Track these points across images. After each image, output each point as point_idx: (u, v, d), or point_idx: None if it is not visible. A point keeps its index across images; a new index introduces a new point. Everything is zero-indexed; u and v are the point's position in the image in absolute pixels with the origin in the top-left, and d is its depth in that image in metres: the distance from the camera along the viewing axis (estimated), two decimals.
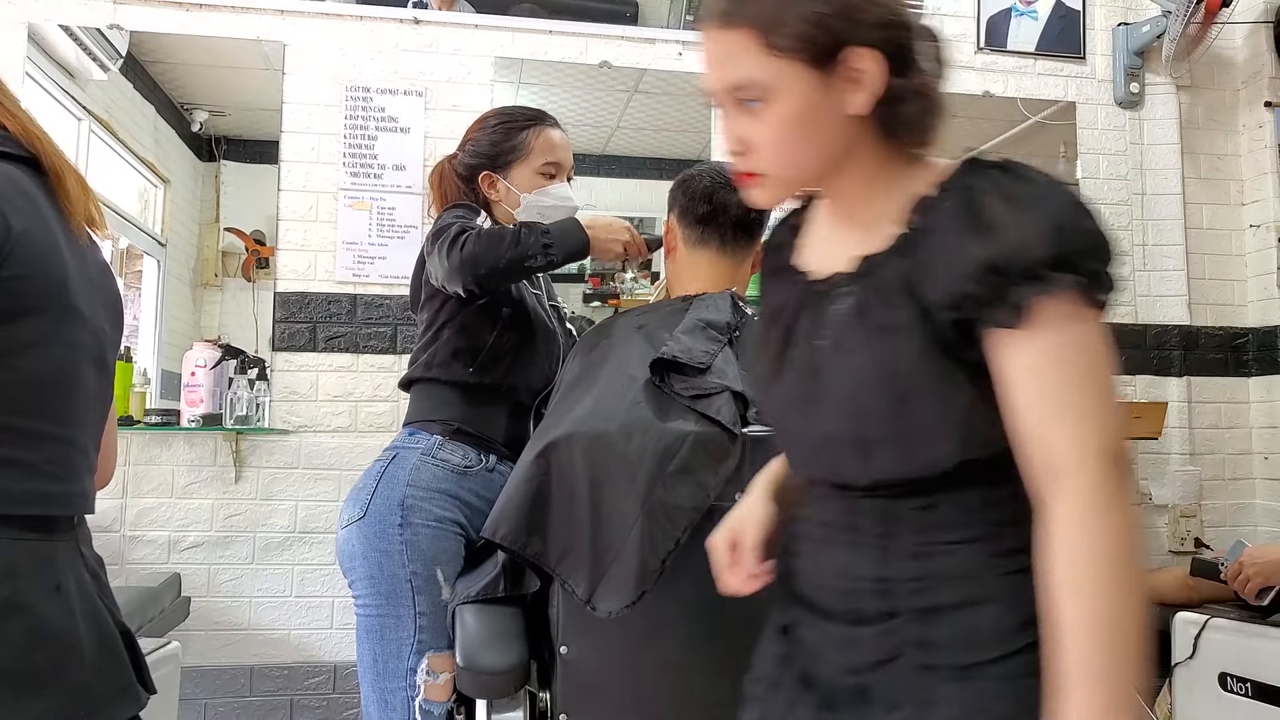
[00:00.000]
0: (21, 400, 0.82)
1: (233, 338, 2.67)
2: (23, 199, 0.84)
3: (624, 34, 2.83)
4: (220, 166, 2.84)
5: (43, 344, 0.84)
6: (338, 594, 2.54)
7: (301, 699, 2.51)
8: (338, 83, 2.67)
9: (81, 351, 0.88)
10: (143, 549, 2.46)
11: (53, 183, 0.90)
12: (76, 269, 0.88)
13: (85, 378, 0.89)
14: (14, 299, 0.81)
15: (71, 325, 0.87)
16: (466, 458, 1.55)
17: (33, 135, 0.90)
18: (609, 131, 2.98)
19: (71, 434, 0.87)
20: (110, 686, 0.86)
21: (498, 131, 1.68)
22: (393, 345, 2.62)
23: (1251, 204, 3.11)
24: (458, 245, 1.45)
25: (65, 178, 0.91)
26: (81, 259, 0.91)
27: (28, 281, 0.82)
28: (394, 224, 2.65)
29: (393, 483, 1.49)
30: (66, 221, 0.90)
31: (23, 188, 0.85)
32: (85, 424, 0.90)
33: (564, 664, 1.30)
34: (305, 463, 2.55)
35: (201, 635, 2.45)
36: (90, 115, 2.62)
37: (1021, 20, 3.05)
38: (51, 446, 0.85)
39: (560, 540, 1.27)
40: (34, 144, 0.90)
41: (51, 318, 0.84)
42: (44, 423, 0.84)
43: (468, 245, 1.44)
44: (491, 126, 1.69)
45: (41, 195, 0.88)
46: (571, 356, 1.53)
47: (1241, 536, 2.56)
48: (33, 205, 0.86)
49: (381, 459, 1.56)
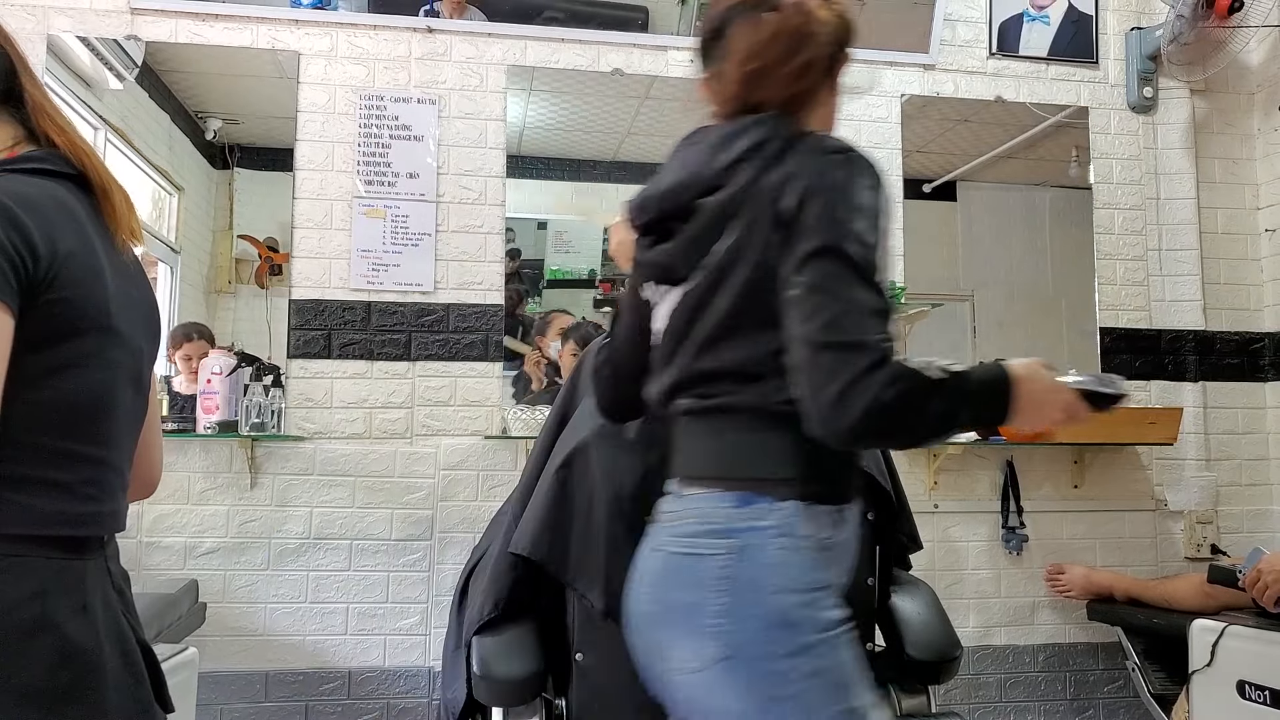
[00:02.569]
0: (59, 421, 0.83)
1: (247, 345, 2.68)
2: (69, 219, 0.85)
3: (635, 41, 2.83)
4: (234, 174, 2.85)
5: (82, 365, 0.84)
6: (352, 600, 2.55)
7: (317, 705, 2.51)
8: (351, 91, 2.69)
9: (120, 371, 0.89)
10: (159, 555, 2.47)
11: (99, 199, 0.91)
12: (118, 287, 0.89)
13: (123, 397, 0.90)
14: (59, 321, 0.81)
15: (112, 345, 0.87)
16: (825, 525, 1.04)
17: (80, 151, 0.91)
18: (620, 138, 2.99)
19: (106, 454, 0.88)
20: (131, 706, 0.87)
21: None
22: (406, 352, 2.63)
23: (1267, 208, 3.09)
24: (873, 386, 0.92)
25: (112, 194, 0.92)
26: (124, 275, 0.92)
27: (72, 304, 0.82)
28: (408, 231, 2.66)
29: (756, 591, 0.98)
30: (111, 238, 0.91)
31: (69, 208, 0.86)
32: (120, 443, 0.91)
33: (579, 671, 1.30)
34: (320, 469, 2.57)
35: (217, 641, 2.46)
36: (106, 124, 2.64)
37: (1034, 25, 3.05)
38: (86, 467, 0.85)
39: (578, 551, 1.27)
40: (82, 160, 0.90)
41: (93, 339, 0.85)
42: (79, 443, 0.85)
43: (888, 394, 0.92)
44: None
45: (85, 212, 0.89)
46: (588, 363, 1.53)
47: (1259, 543, 2.55)
48: (77, 224, 0.86)
49: (714, 555, 1.00)
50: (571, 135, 2.97)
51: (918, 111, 3.00)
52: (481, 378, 2.66)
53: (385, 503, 2.58)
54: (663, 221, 1.10)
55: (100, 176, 0.91)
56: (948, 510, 2.81)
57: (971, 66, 3.02)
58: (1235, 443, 3.01)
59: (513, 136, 2.79)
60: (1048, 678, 2.82)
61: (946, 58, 3.00)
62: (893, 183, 2.96)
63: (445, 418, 2.63)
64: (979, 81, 3.00)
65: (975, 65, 3.02)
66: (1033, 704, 2.80)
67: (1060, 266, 3.07)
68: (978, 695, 2.75)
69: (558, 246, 3.02)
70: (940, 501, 2.82)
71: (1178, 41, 2.94)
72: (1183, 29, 2.89)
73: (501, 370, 2.68)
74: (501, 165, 2.74)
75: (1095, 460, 2.89)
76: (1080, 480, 2.89)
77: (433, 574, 2.58)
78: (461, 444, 2.63)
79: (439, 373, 2.64)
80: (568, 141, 2.98)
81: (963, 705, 2.75)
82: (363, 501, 2.58)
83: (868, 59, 2.93)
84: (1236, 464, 3.00)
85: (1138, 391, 2.96)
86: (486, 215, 2.72)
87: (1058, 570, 2.80)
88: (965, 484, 2.85)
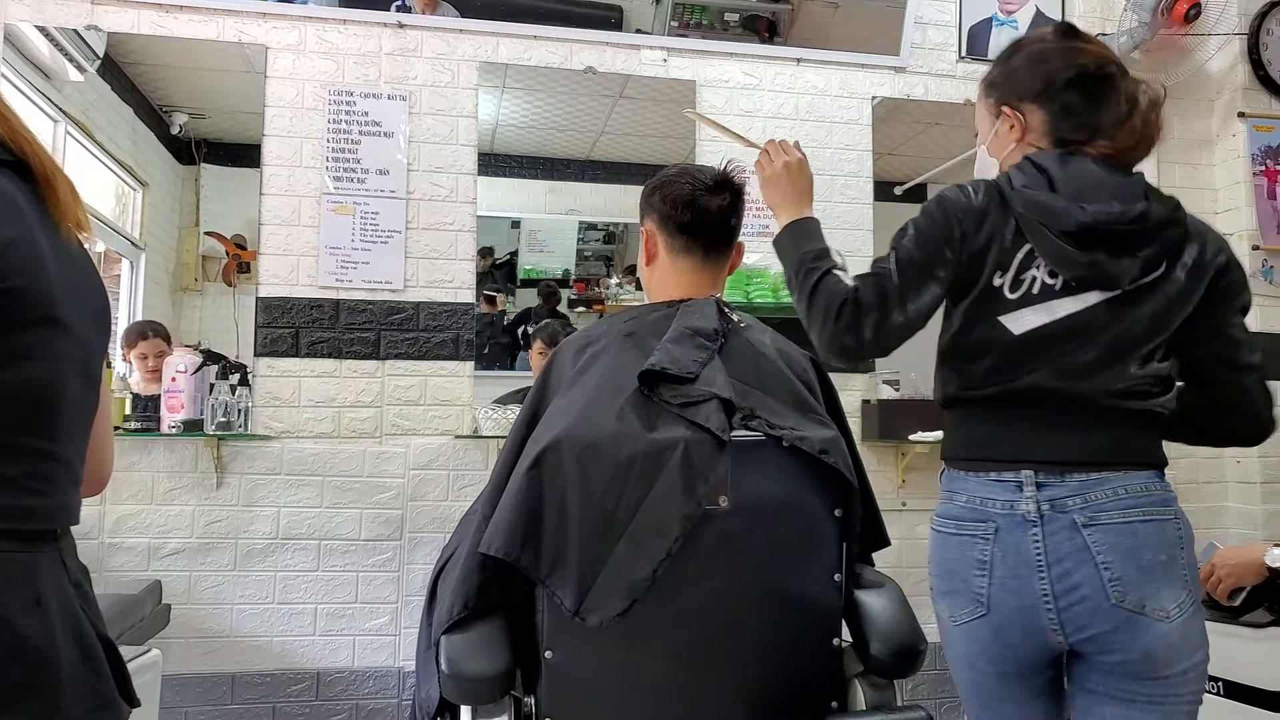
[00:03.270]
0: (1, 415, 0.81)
1: (213, 343, 2.65)
2: (9, 208, 0.83)
3: (609, 40, 2.83)
4: (200, 169, 2.81)
5: (26, 358, 0.82)
6: (320, 601, 2.52)
7: (284, 706, 2.49)
8: (320, 86, 2.66)
9: (66, 363, 0.87)
10: (122, 556, 2.43)
11: (41, 187, 0.89)
12: (62, 277, 0.87)
13: (70, 390, 0.88)
14: (0, 314, 0.80)
15: (56, 337, 0.86)
16: None
17: (21, 138, 0.88)
18: (594, 137, 2.99)
19: (53, 448, 0.86)
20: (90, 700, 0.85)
21: None
22: (376, 351, 2.61)
23: (1225, 212, 3.15)
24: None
25: (56, 182, 0.90)
26: (69, 264, 0.90)
27: (13, 295, 0.81)
28: (377, 229, 2.64)
29: (1192, 548, 1.25)
30: (55, 227, 0.89)
31: (8, 196, 0.84)
32: (69, 437, 0.89)
33: (549, 669, 1.30)
34: (288, 469, 2.54)
35: (182, 643, 2.43)
36: (67, 117, 2.60)
37: (1003, 30, 3.09)
38: (31, 460, 0.84)
39: (551, 551, 1.27)
40: (23, 147, 0.88)
41: (36, 331, 0.83)
42: (24, 437, 0.83)
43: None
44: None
45: (27, 201, 0.87)
46: (558, 362, 1.52)
47: (1214, 539, 2.60)
48: (18, 213, 0.84)
49: (1167, 515, 1.22)
50: (544, 133, 2.96)
51: (888, 114, 3.03)
52: (452, 377, 2.64)
53: (354, 502, 2.56)
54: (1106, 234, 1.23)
55: (42, 164, 0.89)
56: (916, 508, 2.84)
57: (941, 70, 3.05)
58: None
59: (485, 134, 2.78)
60: None
61: (917, 61, 3.03)
62: (863, 185, 2.98)
63: (415, 417, 2.62)
64: (949, 84, 3.04)
65: (945, 69, 3.05)
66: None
67: None
68: (943, 690, 2.78)
69: (531, 245, 3.02)
70: (908, 499, 2.85)
71: (1140, 48, 2.99)
72: (1143, 35, 2.95)
73: (472, 369, 2.67)
74: (473, 162, 2.73)
75: None
76: None
77: (403, 574, 2.57)
78: (432, 443, 2.62)
79: (408, 371, 2.63)
80: (541, 139, 2.97)
81: (929, 700, 2.78)
82: (331, 501, 2.55)
83: (839, 61, 2.95)
84: (1194, 462, 3.06)
85: None
86: (457, 213, 2.70)
87: None
88: (933, 482, 2.85)
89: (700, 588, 1.31)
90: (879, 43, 2.98)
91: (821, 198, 2.94)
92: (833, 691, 1.39)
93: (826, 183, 2.94)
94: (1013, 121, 1.35)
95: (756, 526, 1.33)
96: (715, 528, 1.31)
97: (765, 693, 1.35)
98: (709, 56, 2.91)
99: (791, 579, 1.35)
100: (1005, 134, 1.37)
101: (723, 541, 1.31)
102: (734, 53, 2.92)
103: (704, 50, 2.90)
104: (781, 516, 1.35)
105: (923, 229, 1.25)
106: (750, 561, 1.33)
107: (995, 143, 1.38)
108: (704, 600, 1.32)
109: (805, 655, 1.37)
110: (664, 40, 2.88)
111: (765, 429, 1.35)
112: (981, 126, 1.43)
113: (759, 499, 1.33)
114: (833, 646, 1.38)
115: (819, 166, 2.94)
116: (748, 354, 1.47)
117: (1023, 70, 1.35)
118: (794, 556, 1.35)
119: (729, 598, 1.32)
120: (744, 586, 1.33)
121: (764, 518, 1.33)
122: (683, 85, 2.88)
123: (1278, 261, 3.07)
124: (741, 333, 1.51)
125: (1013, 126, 1.35)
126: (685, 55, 2.90)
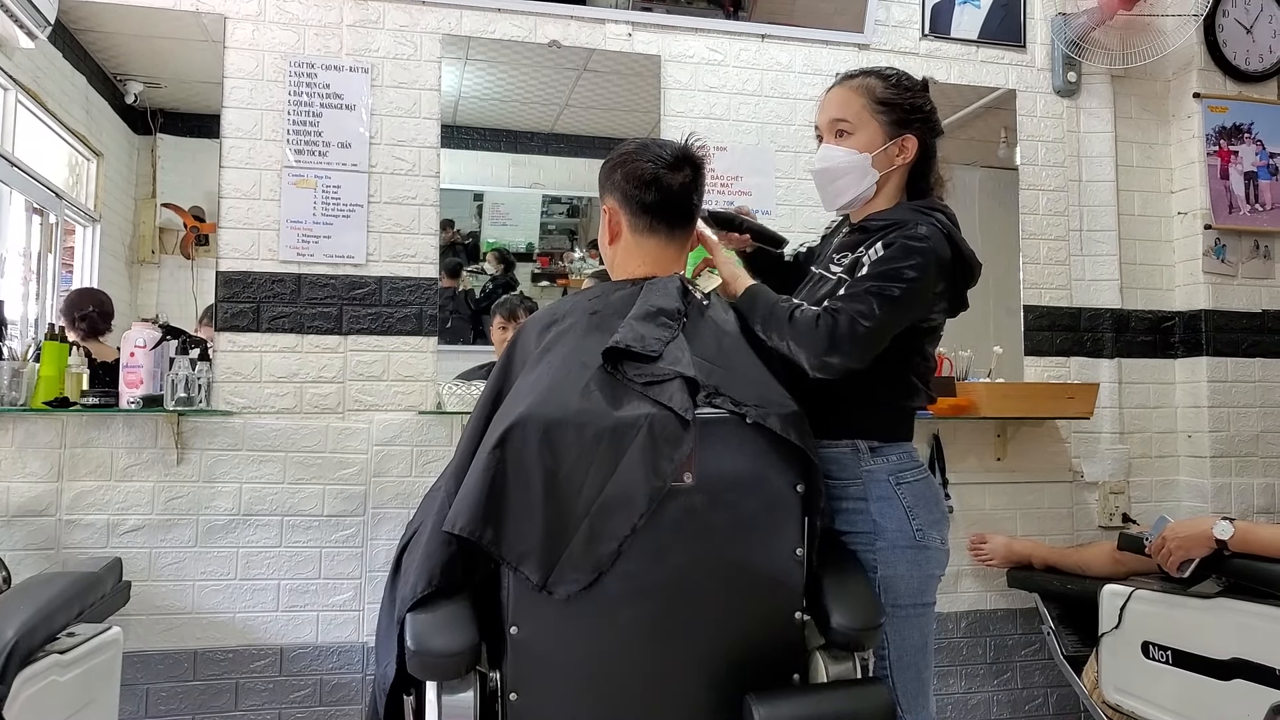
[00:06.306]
0: None
1: (171, 317, 2.60)
2: None
3: (574, 13, 2.81)
4: (157, 140, 2.75)
5: None
6: (284, 576, 2.51)
7: (247, 682, 2.48)
8: (280, 57, 2.61)
9: None
10: (80, 533, 2.40)
11: None
12: None
13: None
14: None
15: None
16: None
17: None
18: (558, 110, 2.96)
19: None
20: None
21: None
22: (338, 326, 2.59)
23: (1180, 192, 3.22)
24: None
25: None
26: None
27: None
28: (339, 203, 2.61)
29: None
30: None
31: None
32: None
33: (514, 644, 1.31)
34: (249, 445, 2.52)
35: (144, 620, 2.41)
36: (18, 85, 2.52)
37: (965, 8, 3.11)
38: None
39: (516, 528, 1.28)
40: None
41: None
42: None
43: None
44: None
45: None
46: (523, 339, 1.52)
47: (1165, 512, 2.68)
48: None
49: None
50: (508, 106, 2.93)
51: None
52: (415, 352, 2.63)
53: (317, 478, 2.55)
54: None
55: None
56: None
57: (905, 47, 3.06)
58: (1146, 416, 3.15)
59: (448, 107, 2.75)
60: (969, 643, 2.93)
61: (880, 38, 3.04)
62: None
63: (378, 392, 2.60)
64: (912, 62, 3.05)
65: (908, 46, 3.07)
66: (954, 669, 2.92)
67: (988, 245, 3.14)
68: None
69: (494, 219, 2.99)
70: None
71: (1099, 27, 3.03)
72: (1098, 14, 2.99)
73: (435, 345, 2.66)
74: (436, 136, 2.70)
75: (1017, 433, 3.00)
76: (1003, 453, 2.99)
77: (366, 550, 2.56)
78: (395, 419, 2.61)
79: (371, 347, 2.61)
80: (504, 112, 2.94)
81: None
82: (294, 477, 2.54)
83: (803, 38, 2.95)
84: (1147, 437, 3.14)
85: (1058, 368, 3.08)
86: (420, 186, 2.68)
87: (980, 540, 2.91)
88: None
89: (664, 562, 1.33)
90: (843, 19, 2.99)
91: (785, 174, 2.95)
92: (794, 663, 1.42)
93: (790, 159, 2.95)
94: (907, 153, 1.62)
95: (720, 502, 1.35)
96: (679, 504, 1.33)
97: (728, 665, 1.37)
98: (674, 32, 2.89)
99: (754, 553, 1.38)
100: (894, 157, 1.62)
101: (687, 517, 1.33)
102: (699, 28, 2.91)
103: (669, 25, 2.89)
104: (744, 492, 1.37)
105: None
106: (713, 536, 1.35)
107: (883, 158, 1.61)
108: (668, 574, 1.34)
109: (767, 628, 1.40)
110: (629, 15, 2.86)
111: (729, 406, 1.37)
112: (871, 137, 1.62)
113: (722, 475, 1.35)
114: (794, 620, 1.41)
115: (784, 143, 2.95)
116: (711, 332, 1.49)
117: (935, 115, 1.66)
118: (756, 532, 1.37)
119: (692, 572, 1.35)
120: (707, 561, 1.35)
121: (727, 493, 1.36)
122: (648, 60, 2.87)
123: (1230, 240, 3.14)
124: (705, 310, 1.52)
125: (900, 154, 1.61)
126: (651, 30, 2.88)
